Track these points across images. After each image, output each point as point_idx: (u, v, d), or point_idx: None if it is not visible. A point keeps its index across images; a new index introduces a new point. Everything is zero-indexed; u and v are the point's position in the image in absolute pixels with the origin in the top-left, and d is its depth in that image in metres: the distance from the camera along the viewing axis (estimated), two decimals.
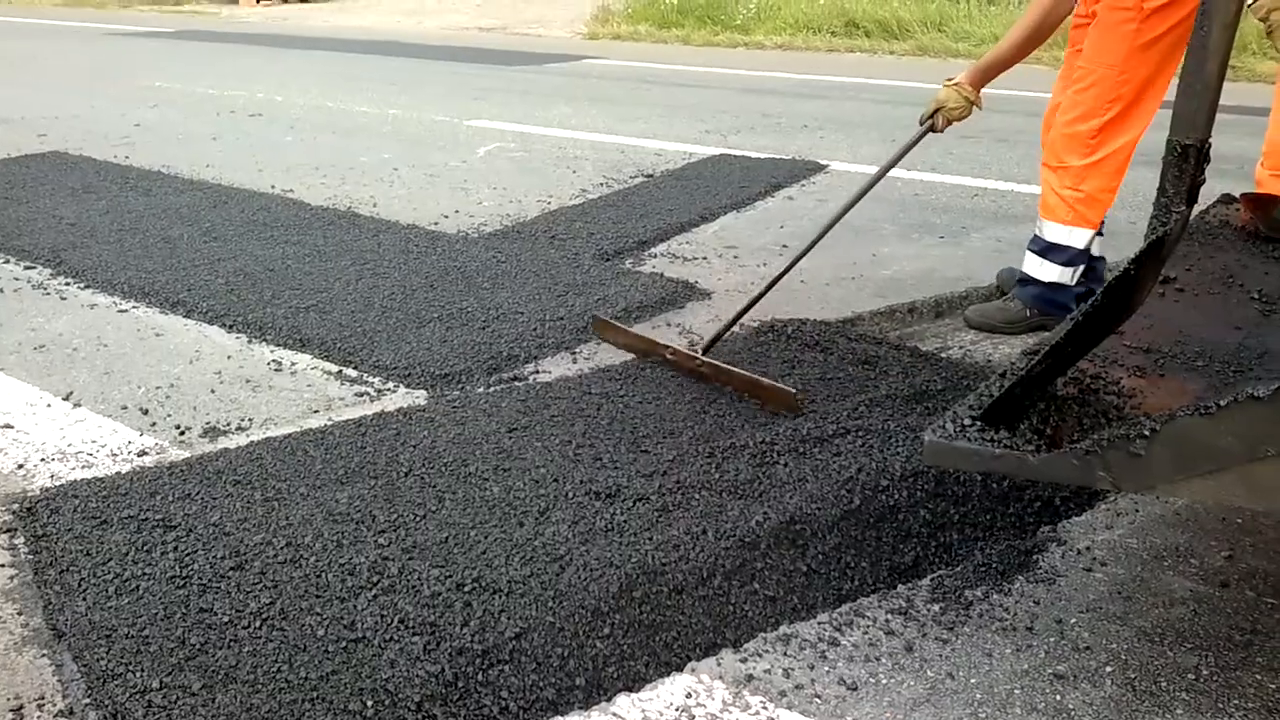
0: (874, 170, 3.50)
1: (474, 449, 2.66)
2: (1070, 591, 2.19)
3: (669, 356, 3.20)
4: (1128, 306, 1.84)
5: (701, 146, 6.65)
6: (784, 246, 4.51)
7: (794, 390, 2.87)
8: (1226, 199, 3.01)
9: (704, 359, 3.11)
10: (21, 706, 1.85)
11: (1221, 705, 1.86)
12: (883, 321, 3.65)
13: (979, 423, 1.77)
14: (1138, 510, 2.48)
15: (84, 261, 4.27)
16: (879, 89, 8.73)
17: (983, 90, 3.41)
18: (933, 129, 3.42)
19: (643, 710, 1.87)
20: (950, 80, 3.41)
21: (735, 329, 3.32)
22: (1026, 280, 3.62)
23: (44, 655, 1.98)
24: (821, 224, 3.34)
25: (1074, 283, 3.54)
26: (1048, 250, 3.53)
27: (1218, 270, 2.48)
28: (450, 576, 2.10)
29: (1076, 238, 3.48)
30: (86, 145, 6.70)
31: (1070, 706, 1.86)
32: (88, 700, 1.85)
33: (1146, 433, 1.54)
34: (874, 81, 8.98)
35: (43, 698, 1.87)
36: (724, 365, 3.06)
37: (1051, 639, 2.04)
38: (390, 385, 3.16)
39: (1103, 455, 1.59)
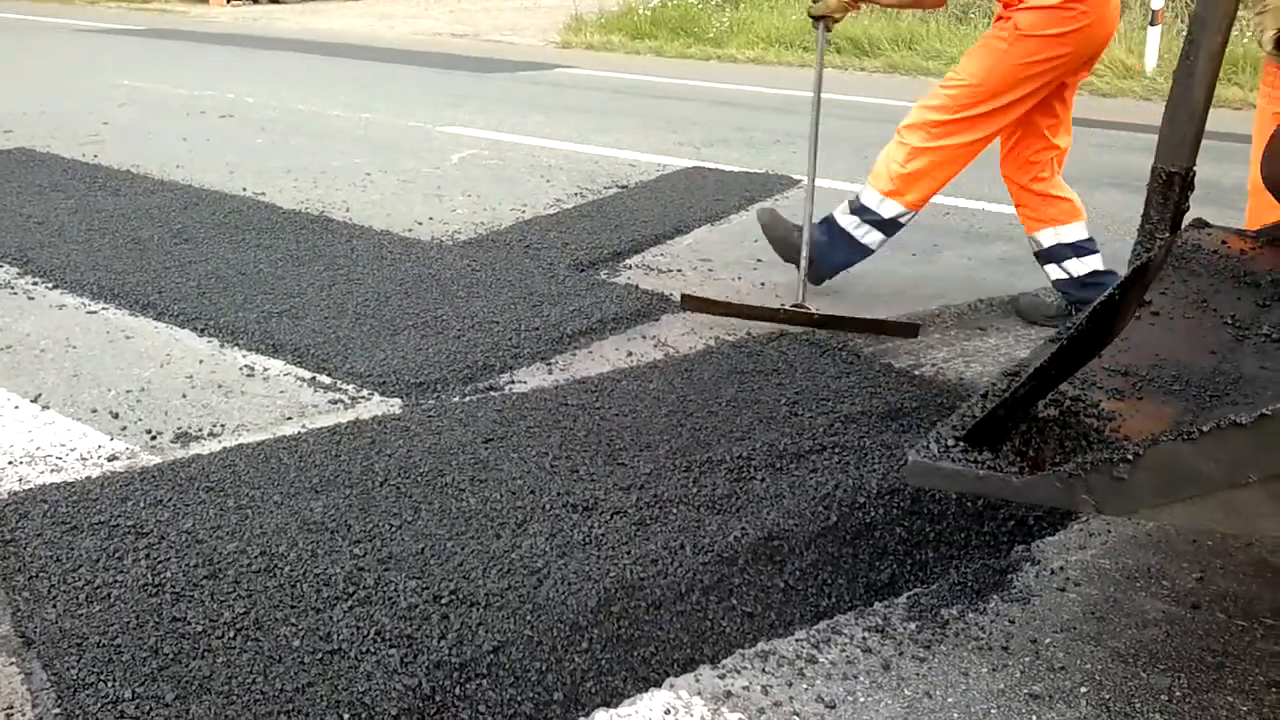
0: (847, 186, 3.60)
1: (450, 459, 2.64)
2: (1045, 611, 2.21)
3: (782, 317, 3.66)
4: (1110, 330, 1.86)
5: (675, 159, 6.66)
6: (758, 260, 4.52)
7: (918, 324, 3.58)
8: (1199, 223, 3.05)
9: (819, 313, 3.64)
10: None
11: None
12: (857, 338, 3.67)
13: (962, 444, 1.78)
14: (1110, 531, 2.51)
15: (52, 261, 4.21)
16: (850, 105, 8.78)
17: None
18: (826, 29, 3.89)
19: None
20: None
21: (714, 341, 3.38)
22: (827, 221, 3.90)
23: (12, 664, 1.95)
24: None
25: (869, 244, 3.85)
26: (862, 209, 3.80)
27: (1191, 294, 2.50)
28: (427, 588, 2.09)
29: (886, 208, 3.75)
30: (54, 143, 6.62)
31: None
32: (58, 710, 1.82)
33: (1130, 457, 1.55)
34: (845, 98, 9.03)
35: (11, 707, 1.84)
36: (840, 315, 3.63)
37: (1027, 659, 2.06)
38: (364, 393, 3.14)
39: (1085, 479, 1.60)
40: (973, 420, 1.82)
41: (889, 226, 3.79)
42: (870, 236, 3.81)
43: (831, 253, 3.91)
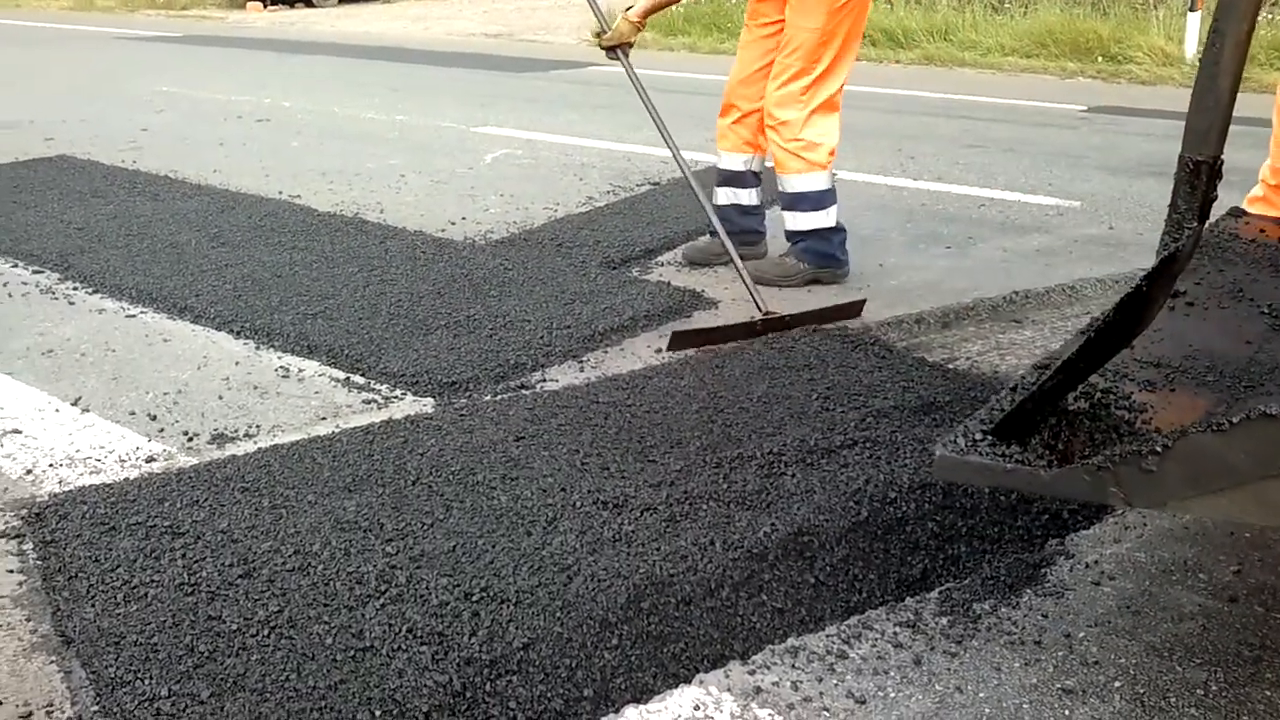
0: (882, 180, 3.60)
1: (481, 457, 2.66)
2: (1078, 605, 2.19)
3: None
4: (1140, 321, 1.84)
5: (708, 155, 6.64)
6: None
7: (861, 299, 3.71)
8: (1235, 212, 3.00)
9: (763, 316, 3.61)
10: (30, 714, 1.85)
11: None
12: (889, 332, 3.65)
13: (990, 437, 1.77)
14: (1145, 524, 2.48)
15: (92, 266, 4.28)
16: (885, 98, 8.72)
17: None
18: (624, 54, 4.12)
19: None
20: (627, 11, 4.09)
21: (745, 341, 3.42)
22: (793, 235, 4.13)
23: (52, 662, 1.98)
24: None
25: (835, 224, 4.10)
26: (795, 202, 4.05)
27: (1227, 284, 2.47)
28: (458, 586, 2.10)
29: (814, 182, 4.00)
30: (94, 149, 6.71)
31: None
32: (96, 707, 1.85)
33: (1159, 449, 1.54)
34: (880, 90, 8.97)
35: (51, 704, 1.88)
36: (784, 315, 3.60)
37: (1060, 653, 2.04)
38: (397, 393, 3.16)
39: (1114, 471, 1.58)
40: (1001, 414, 1.81)
41: (829, 196, 4.07)
42: (830, 215, 4.08)
43: (831, 251, 4.14)
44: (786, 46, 3.93)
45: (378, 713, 1.79)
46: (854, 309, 3.76)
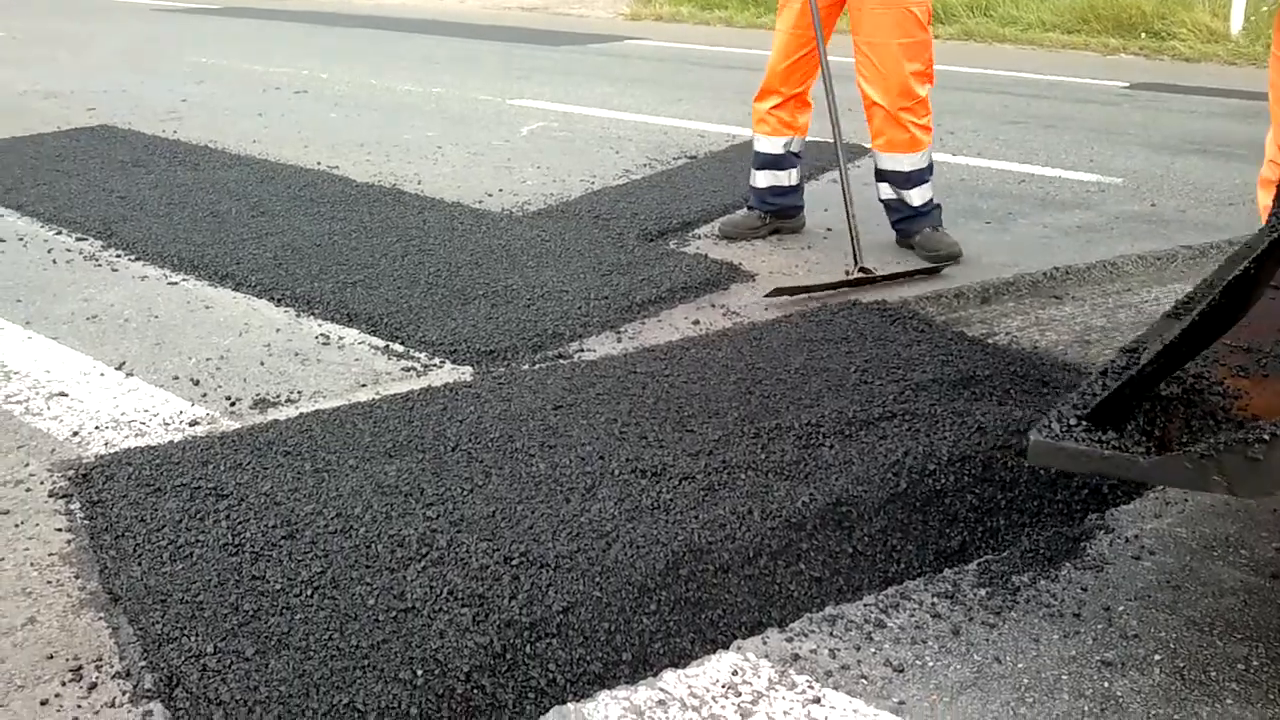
0: None
1: (520, 425, 2.67)
2: (1118, 579, 2.18)
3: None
4: (1244, 306, 1.80)
5: (745, 129, 6.60)
6: (828, 230, 4.49)
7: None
8: None
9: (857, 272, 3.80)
10: (80, 667, 1.89)
11: (1272, 696, 1.84)
12: (929, 306, 3.63)
13: (1085, 423, 1.73)
14: (1187, 500, 2.46)
15: (134, 234, 4.32)
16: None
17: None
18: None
19: (689, 686, 1.88)
20: None
21: (789, 310, 3.40)
22: (919, 210, 4.17)
23: (101, 618, 2.02)
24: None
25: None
26: (923, 176, 4.15)
27: None
28: (498, 550, 2.12)
29: (930, 155, 4.18)
30: (135, 119, 6.77)
31: (1118, 694, 1.85)
32: (144, 663, 1.88)
33: (1266, 437, 1.50)
34: None
35: (100, 659, 1.91)
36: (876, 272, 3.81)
37: (1099, 626, 2.03)
38: (436, 361, 3.18)
39: (1218, 460, 1.55)
40: (1095, 398, 1.77)
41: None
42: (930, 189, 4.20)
43: (928, 218, 4.19)
44: (904, 25, 3.98)
45: (419, 672, 1.81)
46: (938, 269, 3.98)
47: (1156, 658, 1.94)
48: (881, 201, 4.25)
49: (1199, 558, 2.25)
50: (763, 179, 4.35)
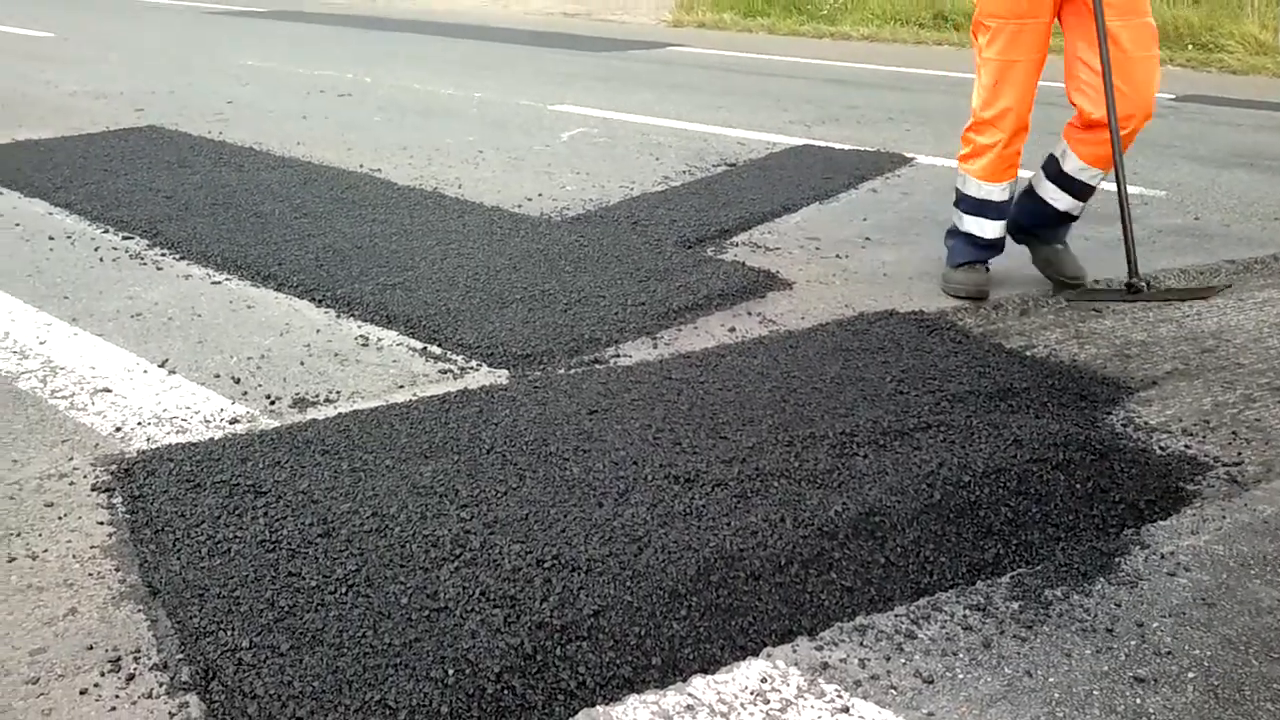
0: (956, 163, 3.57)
1: (555, 429, 2.69)
2: (1153, 595, 2.16)
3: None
4: None
5: (785, 136, 6.63)
6: (866, 239, 4.48)
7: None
8: None
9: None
10: (119, 658, 1.92)
11: None
12: (967, 317, 3.62)
13: None
14: (1224, 517, 2.44)
15: (179, 233, 4.38)
16: (966, 83, 8.58)
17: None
18: None
19: (718, 692, 1.89)
20: None
21: (825, 319, 3.40)
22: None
23: (140, 610, 2.05)
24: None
25: None
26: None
27: None
28: (530, 553, 2.14)
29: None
30: (181, 120, 6.86)
31: (1150, 710, 1.84)
32: (181, 655, 1.91)
33: None
34: (961, 75, 8.84)
35: (139, 650, 1.94)
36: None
37: (1132, 642, 2.02)
38: (473, 364, 3.21)
39: None
40: None
41: None
42: None
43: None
44: (1142, 37, 3.71)
45: (451, 671, 1.82)
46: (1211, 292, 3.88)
47: (1190, 675, 1.93)
48: (1049, 209, 3.92)
49: (1236, 575, 2.22)
50: (993, 230, 3.91)
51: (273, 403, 2.95)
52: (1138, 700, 1.86)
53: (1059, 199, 3.89)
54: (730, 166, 5.81)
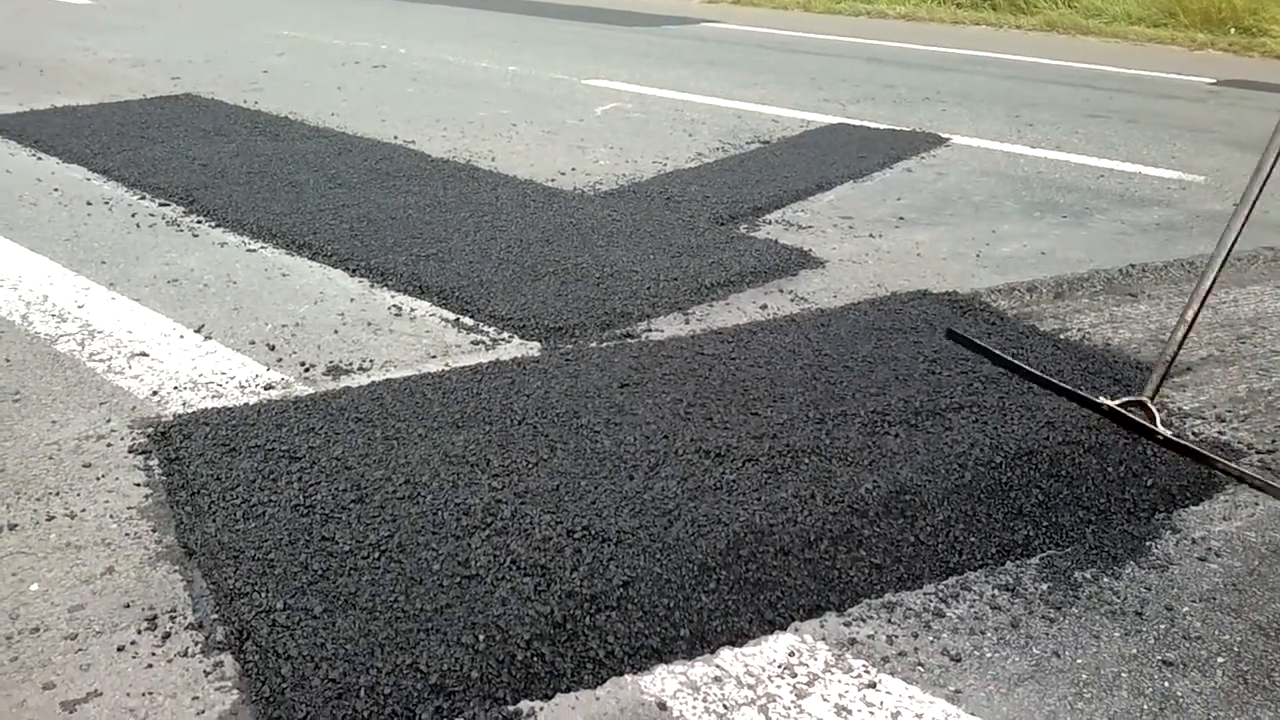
0: (998, 145, 3.48)
1: (586, 402, 2.70)
2: (1183, 580, 2.15)
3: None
4: None
5: (819, 115, 6.59)
6: (900, 219, 4.46)
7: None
8: None
9: (1164, 433, 2.61)
10: (155, 617, 1.95)
11: None
12: (1001, 299, 3.60)
13: None
14: (1257, 504, 2.43)
15: (215, 201, 4.41)
16: (1004, 63, 8.52)
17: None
18: None
19: (745, 664, 1.90)
20: None
21: (858, 297, 3.34)
22: None
23: (176, 571, 2.08)
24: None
25: None
26: None
27: None
28: (561, 523, 2.15)
29: None
30: (218, 89, 6.89)
31: (1178, 694, 1.84)
32: (215, 615, 1.94)
33: None
34: (999, 55, 8.76)
35: (174, 610, 1.97)
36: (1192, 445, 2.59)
37: (1161, 626, 2.01)
38: (505, 335, 3.22)
39: None
40: None
41: None
42: None
43: None
44: None
45: (481, 637, 1.84)
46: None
47: (1219, 660, 1.92)
48: None
49: (1267, 562, 2.21)
50: None
51: (307, 370, 2.97)
52: (1166, 683, 1.86)
53: None
54: (764, 144, 5.79)
